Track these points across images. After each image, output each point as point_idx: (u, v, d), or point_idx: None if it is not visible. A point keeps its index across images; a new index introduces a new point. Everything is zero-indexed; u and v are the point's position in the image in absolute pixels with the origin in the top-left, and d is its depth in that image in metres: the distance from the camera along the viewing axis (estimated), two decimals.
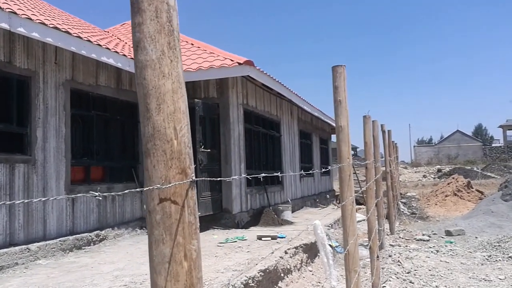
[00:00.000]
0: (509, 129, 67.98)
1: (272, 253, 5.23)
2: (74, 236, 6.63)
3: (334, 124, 4.01)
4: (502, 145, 63.69)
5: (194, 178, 0.97)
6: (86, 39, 6.30)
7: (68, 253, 6.41)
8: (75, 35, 6.09)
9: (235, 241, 7.12)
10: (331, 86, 3.34)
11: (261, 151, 11.31)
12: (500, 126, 69.97)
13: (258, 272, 4.96)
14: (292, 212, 11.80)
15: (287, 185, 13.02)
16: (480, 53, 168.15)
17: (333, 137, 17.86)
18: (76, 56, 7.00)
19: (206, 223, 8.87)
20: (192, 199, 0.97)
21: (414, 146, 69.37)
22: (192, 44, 10.31)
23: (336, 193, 18.51)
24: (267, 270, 5.19)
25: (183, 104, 0.98)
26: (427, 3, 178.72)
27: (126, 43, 10.98)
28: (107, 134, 7.97)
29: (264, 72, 9.55)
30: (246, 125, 10.09)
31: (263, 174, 2.08)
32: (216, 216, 8.95)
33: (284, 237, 7.40)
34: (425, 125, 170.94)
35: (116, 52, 7.04)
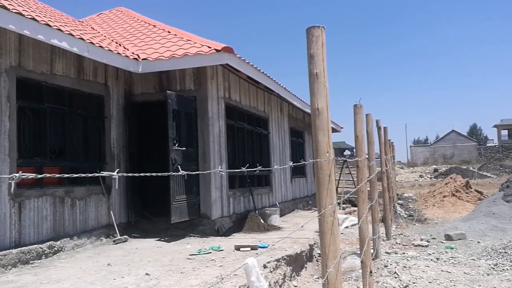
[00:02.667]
0: (503, 129, 68.44)
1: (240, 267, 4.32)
2: (19, 249, 5.66)
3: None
4: (497, 144, 63.85)
5: None
6: (29, 17, 5.34)
7: (10, 269, 5.45)
8: (14, 11, 5.12)
9: (209, 252, 6.21)
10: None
11: (246, 150, 10.38)
12: (495, 126, 70.11)
13: None
14: (282, 215, 10.93)
15: (276, 186, 12.10)
16: (474, 52, 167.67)
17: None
18: (24, 39, 6.03)
19: (182, 231, 7.94)
20: None
21: (411, 146, 69.08)
22: (169, 32, 9.36)
23: None
24: None
25: None
26: None
27: (98, 31, 10.05)
28: (65, 131, 6.99)
29: (247, 61, 8.60)
30: (228, 121, 9.15)
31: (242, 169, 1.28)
32: (193, 223, 8.01)
33: (266, 247, 6.49)
34: (421, 125, 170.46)
35: (71, 34, 6.08)
